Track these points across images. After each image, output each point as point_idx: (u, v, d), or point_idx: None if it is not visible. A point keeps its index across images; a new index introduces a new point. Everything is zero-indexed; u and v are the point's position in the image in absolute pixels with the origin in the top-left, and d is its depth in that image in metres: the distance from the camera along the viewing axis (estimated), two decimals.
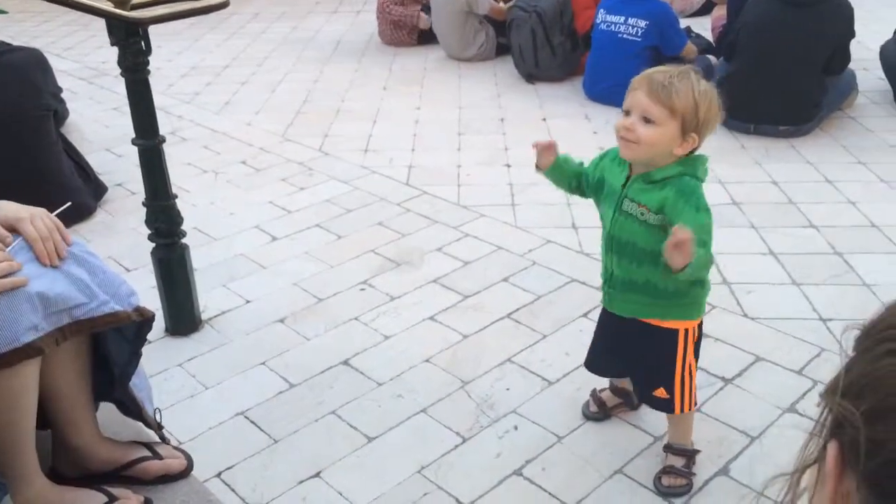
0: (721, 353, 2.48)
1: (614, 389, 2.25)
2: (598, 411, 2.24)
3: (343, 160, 4.10)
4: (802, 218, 3.34)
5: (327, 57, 6.05)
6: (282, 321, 2.75)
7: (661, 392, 1.96)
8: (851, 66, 4.31)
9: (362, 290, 2.93)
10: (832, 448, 0.55)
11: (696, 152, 1.78)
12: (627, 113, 1.73)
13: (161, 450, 2.01)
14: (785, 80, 4.02)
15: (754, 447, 2.13)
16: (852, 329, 0.57)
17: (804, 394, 2.31)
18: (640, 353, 1.97)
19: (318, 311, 2.80)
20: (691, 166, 1.75)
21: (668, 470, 2.02)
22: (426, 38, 6.04)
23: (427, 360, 2.53)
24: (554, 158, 1.96)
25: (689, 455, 2.03)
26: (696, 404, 2.00)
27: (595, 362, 2.17)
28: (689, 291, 1.86)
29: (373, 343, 2.62)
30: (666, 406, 1.98)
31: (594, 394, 2.27)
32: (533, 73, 5.22)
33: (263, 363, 2.53)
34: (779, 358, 2.47)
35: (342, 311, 2.80)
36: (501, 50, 5.64)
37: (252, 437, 2.21)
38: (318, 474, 2.08)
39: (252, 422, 2.27)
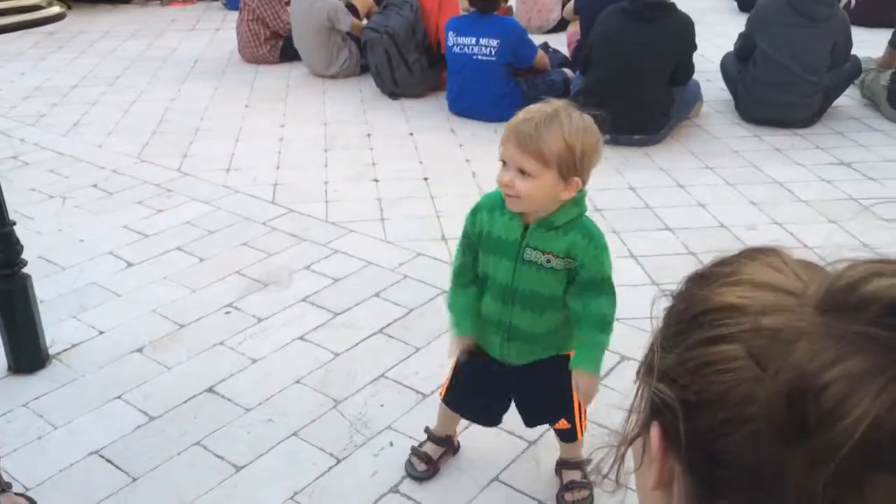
0: None
1: (436, 440, 2.11)
2: (428, 469, 2.07)
3: (204, 180, 3.94)
4: (659, 221, 3.49)
5: (185, 75, 5.83)
6: (139, 351, 2.59)
7: (562, 423, 1.93)
8: (696, 77, 4.57)
9: (228, 313, 2.81)
10: (655, 431, 0.54)
11: None
12: (504, 163, 1.65)
13: (3, 499, 1.83)
14: (636, 91, 4.21)
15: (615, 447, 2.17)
16: (661, 297, 0.57)
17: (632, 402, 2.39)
18: (535, 393, 1.90)
19: (180, 338, 2.66)
20: (583, 204, 1.73)
21: (569, 486, 2.00)
22: (288, 55, 5.94)
23: (298, 382, 2.44)
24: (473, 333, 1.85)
25: (583, 465, 2.03)
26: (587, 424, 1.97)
27: (463, 407, 2.04)
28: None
29: (240, 368, 2.51)
30: (569, 436, 1.95)
31: (416, 452, 2.09)
32: (394, 91, 5.22)
33: (119, 397, 2.36)
34: (643, 356, 2.54)
35: (206, 336, 2.67)
36: (366, 66, 5.62)
37: (108, 477, 2.06)
38: None
39: (107, 460, 2.12)
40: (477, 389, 1.97)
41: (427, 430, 2.13)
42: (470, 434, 2.21)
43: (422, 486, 2.05)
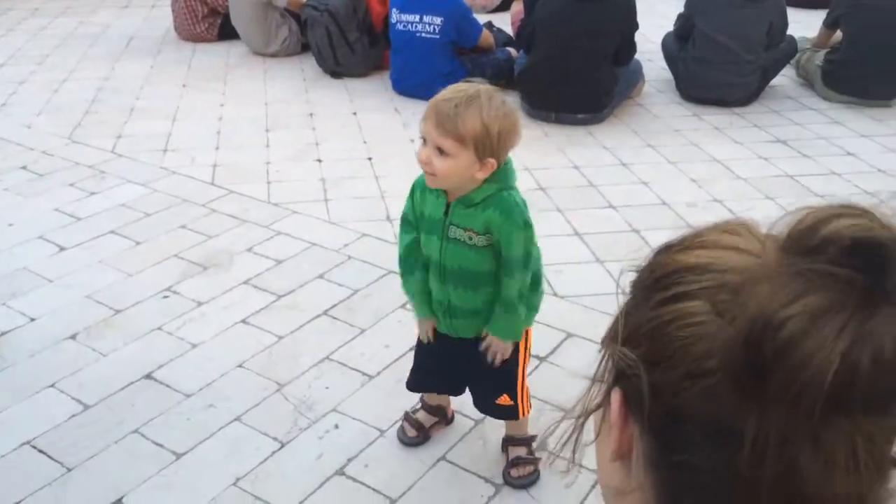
0: (535, 333, 2.53)
1: (429, 408, 2.12)
2: (417, 435, 2.10)
3: (140, 161, 3.82)
4: (602, 199, 3.51)
5: (119, 54, 5.63)
6: (73, 338, 2.50)
7: (504, 399, 1.92)
8: (638, 57, 4.61)
9: (166, 297, 2.73)
10: (616, 396, 0.53)
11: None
12: (425, 140, 1.66)
13: None
14: (579, 70, 4.22)
15: (569, 420, 2.19)
16: (627, 271, 0.56)
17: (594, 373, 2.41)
18: (481, 366, 1.89)
19: (116, 324, 2.57)
20: (504, 178, 1.71)
21: (514, 462, 2.00)
22: (227, 33, 5.78)
23: (240, 366, 2.39)
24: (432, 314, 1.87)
25: (529, 442, 2.03)
26: (530, 404, 1.99)
27: (423, 383, 2.06)
28: (529, 297, 1.83)
29: (179, 353, 2.44)
30: (511, 413, 1.95)
31: (409, 417, 2.12)
32: (336, 70, 5.14)
33: (52, 385, 2.28)
34: (588, 333, 2.56)
35: (143, 321, 2.59)
36: (308, 45, 5.50)
37: (41, 468, 1.98)
38: (119, 500, 1.90)
39: (40, 451, 2.04)
40: (432, 364, 1.99)
41: (421, 397, 2.12)
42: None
43: (368, 468, 2.03)
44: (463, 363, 1.94)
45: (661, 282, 0.51)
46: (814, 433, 0.43)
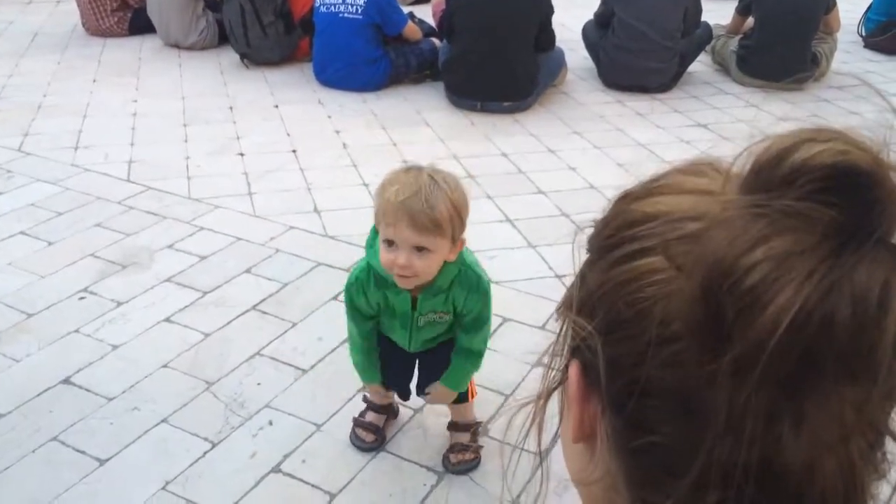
0: None
1: (377, 408, 2.04)
2: (376, 439, 2.01)
3: (49, 159, 3.62)
4: (532, 185, 3.51)
5: (23, 50, 5.35)
6: None
7: None
8: (559, 45, 4.63)
9: (82, 298, 2.59)
10: (573, 369, 0.48)
11: None
12: (391, 243, 1.56)
13: None
14: (501, 58, 4.21)
15: (509, 404, 2.17)
16: (585, 228, 0.50)
17: (549, 347, 2.40)
18: (441, 360, 1.87)
19: (29, 328, 2.42)
20: (461, 255, 1.68)
21: (454, 447, 1.97)
22: (138, 26, 5.56)
23: (165, 366, 2.28)
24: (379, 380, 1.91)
25: (473, 429, 2.00)
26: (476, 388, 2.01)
27: (392, 381, 2.01)
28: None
29: (99, 355, 2.31)
30: (462, 397, 1.93)
31: (360, 422, 2.03)
32: (247, 54, 5.00)
33: None
34: (524, 317, 2.55)
35: (59, 324, 2.44)
36: (226, 37, 5.34)
37: None
38: None
39: None
40: (392, 365, 1.94)
41: (366, 399, 2.06)
42: (355, 408, 2.13)
43: (305, 463, 1.96)
44: (422, 361, 1.93)
45: (616, 237, 0.45)
46: (795, 405, 0.38)
